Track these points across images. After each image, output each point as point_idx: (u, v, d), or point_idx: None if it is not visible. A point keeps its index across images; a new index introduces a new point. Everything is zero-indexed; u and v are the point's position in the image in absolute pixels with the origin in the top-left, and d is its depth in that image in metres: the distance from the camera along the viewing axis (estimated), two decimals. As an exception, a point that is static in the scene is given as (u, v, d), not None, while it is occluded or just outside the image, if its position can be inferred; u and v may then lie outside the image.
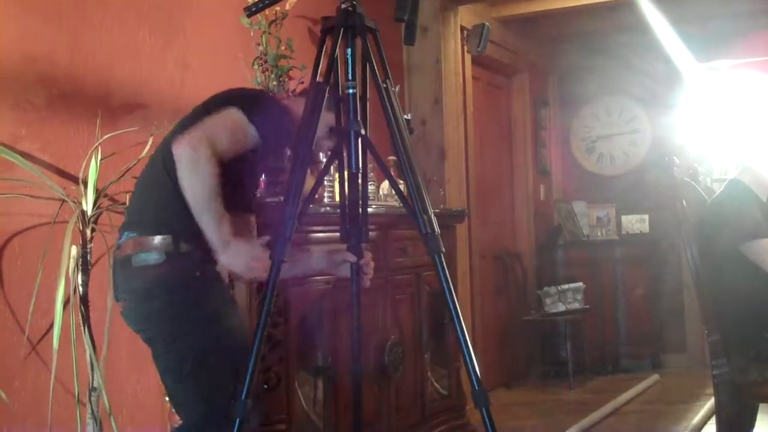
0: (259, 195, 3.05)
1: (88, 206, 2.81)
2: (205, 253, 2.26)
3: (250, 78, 3.48)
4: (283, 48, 3.53)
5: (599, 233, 6.99)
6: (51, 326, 2.73)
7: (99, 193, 2.84)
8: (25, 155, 2.84)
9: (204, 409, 2.25)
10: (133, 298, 2.31)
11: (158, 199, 2.33)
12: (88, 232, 2.80)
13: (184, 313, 2.27)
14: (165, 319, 2.28)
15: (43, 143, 2.95)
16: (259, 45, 3.51)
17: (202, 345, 2.26)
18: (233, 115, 2.33)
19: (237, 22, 3.46)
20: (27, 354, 2.78)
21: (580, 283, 6.35)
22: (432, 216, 2.55)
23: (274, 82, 3.46)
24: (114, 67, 3.25)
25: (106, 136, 2.88)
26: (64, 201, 2.82)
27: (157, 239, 2.27)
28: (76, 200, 2.81)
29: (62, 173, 2.97)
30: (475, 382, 2.43)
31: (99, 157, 2.86)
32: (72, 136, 3.04)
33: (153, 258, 2.26)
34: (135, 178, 2.63)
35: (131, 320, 2.35)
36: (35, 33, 2.96)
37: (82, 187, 2.86)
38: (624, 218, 6.99)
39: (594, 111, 7.26)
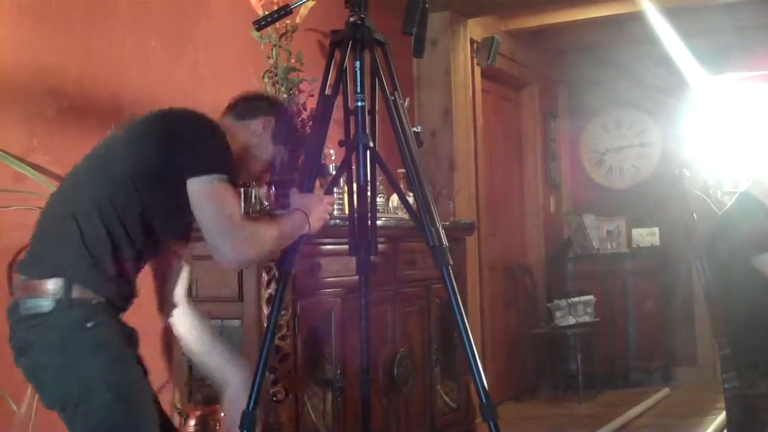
0: (268, 207, 3.06)
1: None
2: (107, 302, 2.04)
3: (261, 90, 3.49)
4: (293, 61, 3.54)
5: (609, 246, 6.97)
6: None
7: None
8: (36, 167, 2.86)
9: None
10: (18, 349, 2.05)
11: (54, 240, 2.08)
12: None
13: (82, 362, 1.99)
14: (58, 374, 2.00)
15: (54, 155, 2.96)
16: (269, 58, 3.53)
17: (108, 396, 1.99)
18: (226, 190, 2.13)
19: (248, 34, 3.48)
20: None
21: (591, 296, 6.33)
22: (440, 228, 2.55)
23: (285, 95, 3.47)
24: (125, 78, 3.27)
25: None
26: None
27: (45, 283, 2.01)
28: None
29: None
30: (483, 396, 2.43)
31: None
32: (83, 148, 3.03)
33: (40, 305, 2.00)
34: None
35: (22, 370, 2.07)
36: (46, 45, 2.97)
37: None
38: (634, 231, 6.97)
39: (603, 123, 7.25)
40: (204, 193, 2.10)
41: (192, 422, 2.77)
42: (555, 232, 7.01)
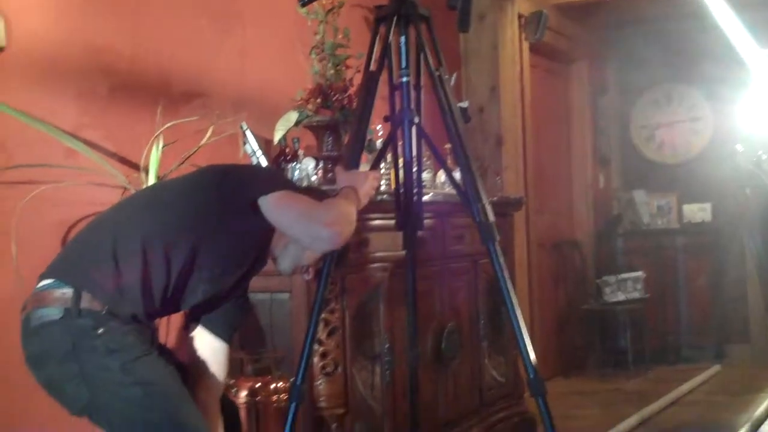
0: (316, 184, 3.08)
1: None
2: (112, 313, 2.02)
3: (307, 67, 3.52)
4: (340, 37, 3.55)
5: (660, 222, 6.90)
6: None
7: (160, 180, 2.89)
8: (88, 143, 2.91)
9: None
10: (32, 362, 2.04)
11: (77, 251, 2.12)
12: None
13: (96, 369, 1.98)
14: (76, 383, 1.99)
15: (106, 132, 3.02)
16: (316, 34, 3.54)
17: (130, 393, 1.99)
18: (295, 194, 2.24)
19: (294, 11, 3.49)
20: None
21: (641, 272, 6.29)
22: (486, 204, 2.56)
23: (332, 71, 3.48)
24: (174, 56, 3.31)
25: (167, 125, 2.94)
26: (126, 188, 2.89)
27: (54, 292, 2.00)
28: (137, 188, 2.87)
29: (124, 161, 3.04)
30: (531, 371, 2.44)
31: (160, 145, 2.92)
32: (134, 125, 3.10)
33: (49, 314, 2.00)
34: (194, 166, 2.68)
35: (40, 383, 2.07)
36: (97, 23, 3.02)
37: (143, 175, 2.92)
38: (685, 207, 6.88)
39: (654, 98, 7.14)
40: (277, 201, 2.15)
41: (243, 393, 2.81)
42: (604, 208, 6.95)
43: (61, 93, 2.88)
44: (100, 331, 1.98)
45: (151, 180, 2.88)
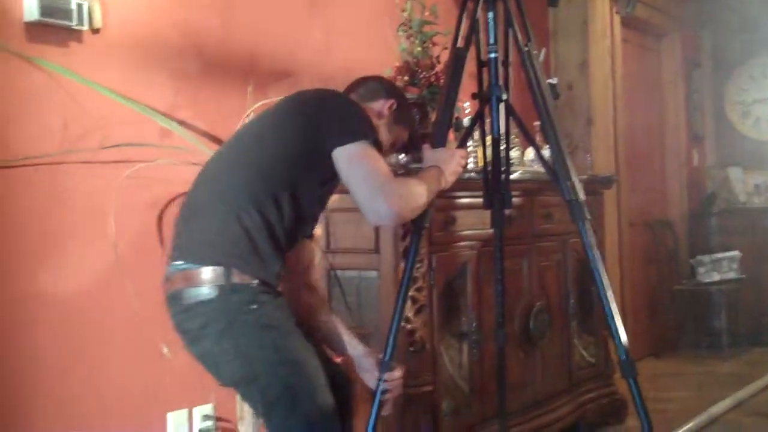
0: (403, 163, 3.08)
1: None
2: (263, 283, 2.09)
3: (395, 45, 3.51)
4: (427, 14, 3.53)
5: (757, 200, 6.69)
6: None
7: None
8: (181, 123, 2.98)
9: None
10: (188, 338, 2.12)
11: (211, 228, 2.11)
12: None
13: (251, 344, 2.05)
14: (230, 358, 2.06)
15: (198, 111, 3.07)
16: (403, 11, 3.53)
17: (282, 370, 2.06)
18: (373, 152, 2.15)
19: (382, -12, 3.49)
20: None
21: (736, 252, 6.12)
22: (576, 182, 2.52)
23: (419, 48, 3.47)
24: (264, 35, 3.35)
25: (257, 104, 2.97)
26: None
27: (206, 271, 2.05)
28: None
29: (215, 140, 3.09)
30: (622, 352, 2.40)
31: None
32: (225, 104, 3.15)
33: (203, 293, 2.05)
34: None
35: (194, 357, 2.16)
36: (189, 2, 3.07)
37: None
38: (784, 185, 6.67)
39: (750, 73, 6.90)
40: (352, 157, 2.12)
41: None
42: (698, 186, 6.77)
43: (155, 73, 2.95)
44: (254, 306, 2.05)
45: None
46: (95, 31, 2.77)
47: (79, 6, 2.67)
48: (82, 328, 2.70)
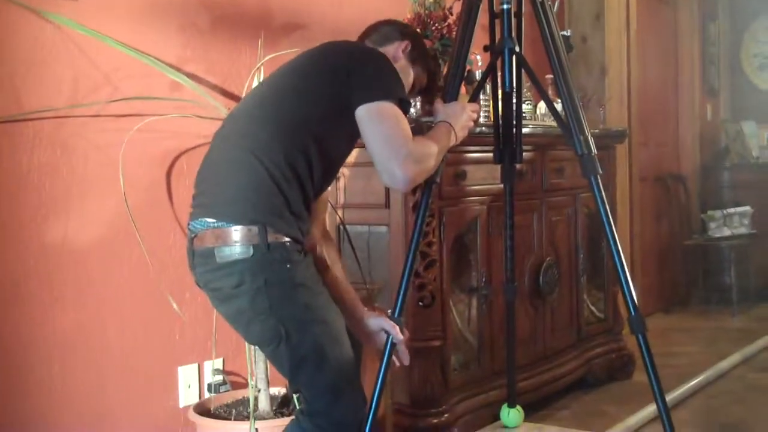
0: (415, 117, 3.06)
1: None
2: (295, 241, 2.07)
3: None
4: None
5: (771, 155, 6.65)
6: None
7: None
8: (191, 76, 2.95)
9: (330, 398, 2.10)
10: (219, 296, 2.11)
11: (244, 185, 2.07)
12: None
13: (284, 303, 2.05)
14: (264, 317, 2.06)
15: (208, 64, 3.05)
16: (415, -38, 3.48)
17: (313, 329, 2.07)
18: (396, 113, 2.12)
19: (393, -61, 3.43)
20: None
21: (748, 207, 6.10)
22: (589, 136, 2.50)
23: (431, 0, 3.43)
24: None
25: (267, 57, 2.95)
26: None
27: (241, 230, 2.02)
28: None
29: (226, 93, 3.07)
30: (631, 308, 2.40)
31: (261, 77, 2.93)
32: (235, 57, 3.13)
33: (237, 252, 2.03)
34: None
35: (223, 315, 2.17)
36: (198, -43, 3.04)
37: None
38: (798, 139, 6.62)
39: (766, 25, 6.81)
40: (374, 115, 2.10)
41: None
42: (711, 140, 6.73)
43: (164, 27, 2.92)
44: (288, 265, 2.04)
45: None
46: (103, -18, 2.74)
47: (87, -44, 2.64)
48: (92, 281, 2.71)
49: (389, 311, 2.38)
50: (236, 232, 2.02)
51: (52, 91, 2.60)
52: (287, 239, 2.05)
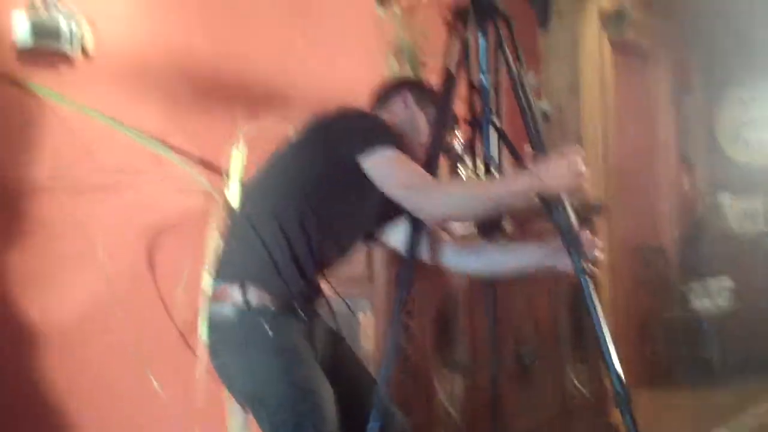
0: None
1: (232, 197, 2.89)
2: (283, 304, 2.13)
3: (385, 68, 3.49)
4: (417, 38, 3.52)
5: (748, 226, 6.68)
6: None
7: (243, 184, 2.90)
8: (172, 148, 2.94)
9: None
10: (209, 351, 2.22)
11: (236, 248, 2.21)
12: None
13: (262, 365, 2.10)
14: (243, 375, 2.14)
15: (189, 136, 3.03)
16: (394, 35, 3.52)
17: (292, 395, 2.08)
18: (396, 156, 2.16)
19: (374, 12, 3.47)
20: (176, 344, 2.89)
21: (727, 278, 6.10)
22: (569, 210, 2.49)
23: (410, 72, 3.46)
24: (255, 59, 3.32)
25: (247, 128, 2.95)
26: (209, 193, 2.90)
27: (227, 288, 2.14)
28: (221, 193, 2.89)
29: (208, 165, 3.06)
30: (617, 384, 2.36)
31: (243, 149, 2.93)
32: (216, 129, 3.12)
33: (221, 310, 2.13)
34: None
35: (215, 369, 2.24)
36: (179, 27, 3.05)
37: (225, 179, 2.93)
38: (775, 211, 6.66)
39: (741, 96, 6.91)
40: (376, 165, 2.14)
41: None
42: (689, 210, 6.76)
43: (146, 98, 2.92)
44: (269, 330, 2.08)
45: (234, 185, 2.90)
46: (87, 56, 2.74)
47: (71, 31, 2.65)
48: (71, 359, 2.65)
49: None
50: (224, 291, 2.13)
51: (33, 163, 2.58)
52: (272, 302, 2.11)
